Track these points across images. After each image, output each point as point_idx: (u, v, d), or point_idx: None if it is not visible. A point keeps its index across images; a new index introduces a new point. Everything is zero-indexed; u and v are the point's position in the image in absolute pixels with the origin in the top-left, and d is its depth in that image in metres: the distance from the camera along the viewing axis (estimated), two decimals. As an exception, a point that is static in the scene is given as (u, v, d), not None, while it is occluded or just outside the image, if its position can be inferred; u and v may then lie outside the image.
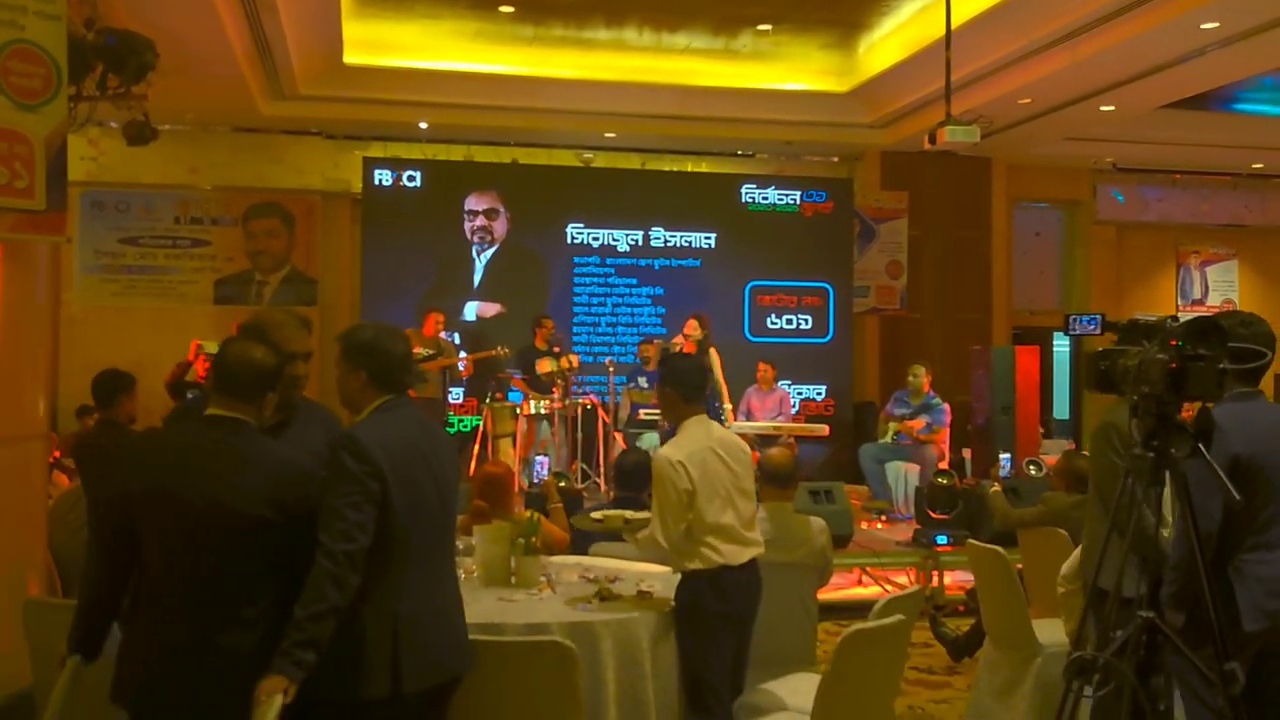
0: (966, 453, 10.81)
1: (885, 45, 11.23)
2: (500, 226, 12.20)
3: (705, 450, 3.99)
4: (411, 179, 11.99)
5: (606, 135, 12.66)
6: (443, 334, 10.84)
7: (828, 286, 12.75)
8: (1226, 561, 3.37)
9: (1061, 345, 14.77)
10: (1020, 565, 5.53)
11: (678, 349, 10.17)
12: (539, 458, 9.74)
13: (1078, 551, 4.45)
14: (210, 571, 2.85)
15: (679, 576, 4.00)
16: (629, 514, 4.34)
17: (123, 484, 2.97)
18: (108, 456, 5.15)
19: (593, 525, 4.42)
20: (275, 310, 5.02)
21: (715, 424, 4.26)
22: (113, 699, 2.91)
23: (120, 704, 2.90)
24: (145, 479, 2.93)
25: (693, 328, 10.37)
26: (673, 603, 3.92)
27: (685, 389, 4.15)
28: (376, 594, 2.92)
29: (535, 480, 8.88)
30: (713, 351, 10.27)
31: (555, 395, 10.37)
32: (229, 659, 2.80)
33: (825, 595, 5.51)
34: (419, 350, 9.63)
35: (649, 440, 9.91)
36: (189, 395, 7.04)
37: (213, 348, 9.09)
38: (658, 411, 10.28)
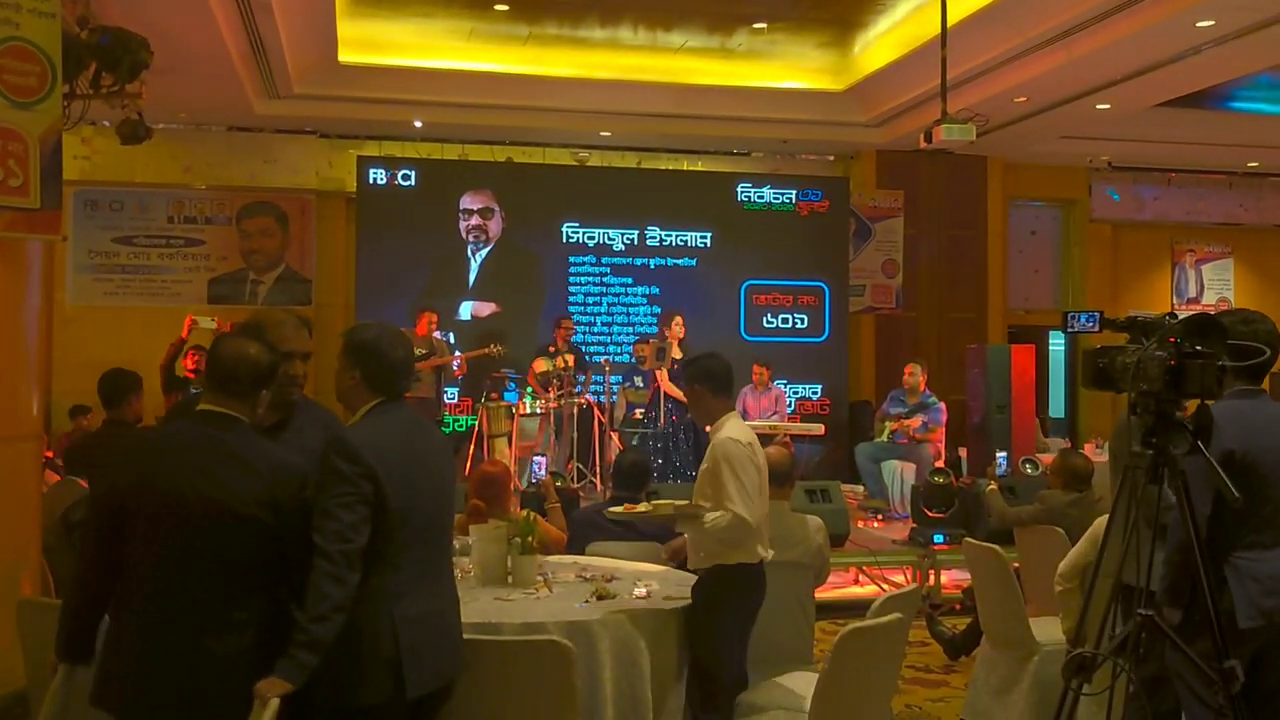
0: (962, 451, 10.81)
1: (881, 44, 11.23)
2: (495, 226, 12.16)
3: (754, 443, 4.02)
4: (406, 178, 11.95)
5: (602, 134, 12.64)
6: (437, 333, 10.83)
7: (823, 285, 12.73)
8: (1222, 559, 3.36)
9: (1057, 344, 14.77)
10: (1017, 564, 5.52)
11: (671, 347, 10.18)
12: (536, 458, 9.73)
13: (1075, 549, 4.44)
14: (200, 572, 2.80)
15: (689, 574, 3.99)
16: (677, 501, 4.32)
17: (114, 480, 2.93)
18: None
19: (635, 516, 4.36)
20: (276, 309, 5.01)
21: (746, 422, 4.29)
22: (94, 703, 2.83)
23: (104, 708, 2.82)
24: (137, 474, 2.90)
25: (680, 325, 10.37)
26: (689, 599, 3.90)
27: (716, 384, 4.19)
28: (374, 596, 2.89)
29: (532, 480, 8.87)
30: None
31: (550, 395, 10.37)
32: (219, 664, 2.76)
33: (822, 594, 5.50)
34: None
35: None
36: (192, 390, 7.00)
37: (208, 323, 9.08)
38: (648, 411, 10.31)
